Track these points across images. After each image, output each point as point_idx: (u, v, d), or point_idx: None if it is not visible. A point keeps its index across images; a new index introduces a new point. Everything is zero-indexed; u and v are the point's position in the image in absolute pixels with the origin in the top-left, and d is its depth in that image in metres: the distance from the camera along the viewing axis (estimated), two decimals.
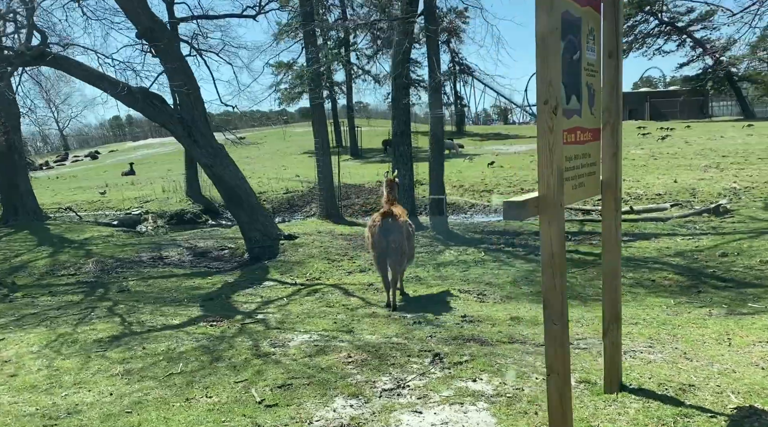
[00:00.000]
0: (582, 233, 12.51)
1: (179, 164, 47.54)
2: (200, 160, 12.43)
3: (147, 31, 11.41)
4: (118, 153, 65.71)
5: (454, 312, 7.04)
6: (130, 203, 27.01)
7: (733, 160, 25.39)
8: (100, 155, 63.55)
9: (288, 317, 7.29)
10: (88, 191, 32.29)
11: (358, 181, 28.69)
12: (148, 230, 22.43)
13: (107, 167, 51.34)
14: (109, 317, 7.70)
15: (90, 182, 37.81)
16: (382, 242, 7.82)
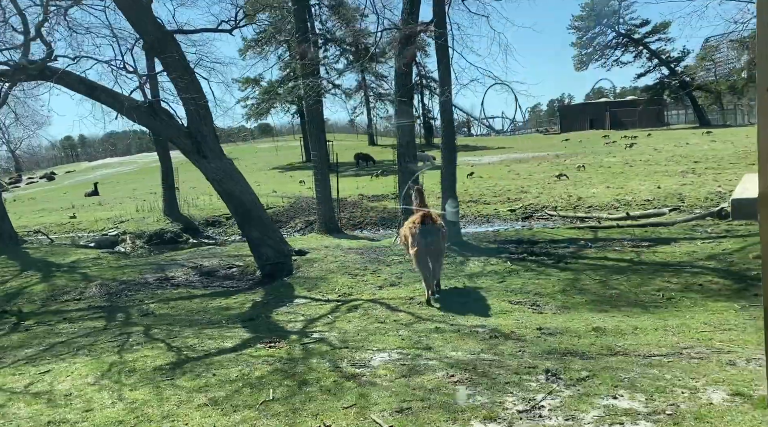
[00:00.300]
0: (598, 239, 12.52)
1: (143, 183, 46.56)
2: (209, 175, 11.97)
3: (155, 43, 10.96)
4: (75, 174, 63.60)
5: (524, 324, 6.85)
6: (103, 224, 26.01)
7: (707, 165, 26.10)
8: (56, 176, 61.38)
9: (347, 335, 6.98)
10: (55, 213, 31.02)
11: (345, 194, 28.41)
12: (127, 250, 21.60)
13: (67, 188, 49.59)
14: (152, 343, 7.23)
15: (53, 204, 36.39)
16: (422, 242, 8.59)
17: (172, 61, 11.18)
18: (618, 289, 8.48)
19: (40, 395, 5.52)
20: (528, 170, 31.08)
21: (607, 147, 40.43)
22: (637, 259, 10.30)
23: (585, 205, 19.91)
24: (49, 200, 39.50)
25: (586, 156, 35.34)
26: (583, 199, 20.59)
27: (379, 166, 42.40)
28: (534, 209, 20.56)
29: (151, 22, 10.94)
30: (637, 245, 11.62)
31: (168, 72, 11.29)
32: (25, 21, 10.63)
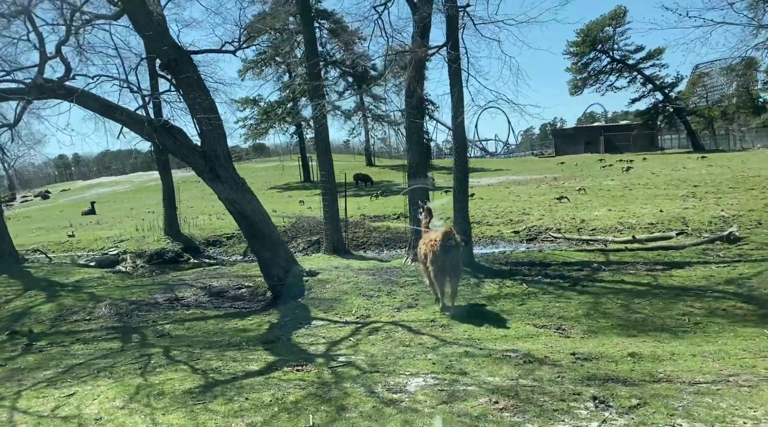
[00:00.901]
0: (611, 262, 12.50)
1: (140, 202, 46.37)
2: (222, 195, 11.89)
3: (171, 62, 10.95)
4: (70, 192, 63.24)
5: (555, 349, 6.78)
6: (102, 243, 25.80)
7: (706, 189, 26.23)
8: (51, 195, 60.99)
9: (374, 359, 6.87)
10: (52, 232, 30.75)
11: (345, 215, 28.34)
12: (128, 270, 21.40)
13: (63, 207, 49.32)
14: (174, 365, 7.10)
15: (50, 223, 36.11)
16: (443, 258, 9.03)
17: (189, 81, 11.17)
18: (641, 313, 8.42)
19: (69, 419, 5.38)
20: (528, 192, 31.15)
21: (604, 170, 40.65)
22: (655, 283, 10.28)
23: (589, 227, 19.93)
24: (46, 219, 39.24)
25: (584, 179, 35.52)
26: (586, 221, 20.60)
27: (378, 186, 42.44)
28: (538, 231, 20.56)
29: (168, 42, 10.95)
30: (651, 268, 11.61)
31: (183, 91, 11.27)
32: (41, 39, 10.59)
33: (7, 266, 18.18)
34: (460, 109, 12.71)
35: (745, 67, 61.38)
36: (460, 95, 12.83)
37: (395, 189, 40.81)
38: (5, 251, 18.90)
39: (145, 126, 10.36)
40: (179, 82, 11.15)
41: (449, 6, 12.37)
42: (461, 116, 12.83)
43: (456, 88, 12.85)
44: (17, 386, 6.63)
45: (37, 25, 10.54)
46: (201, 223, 28.04)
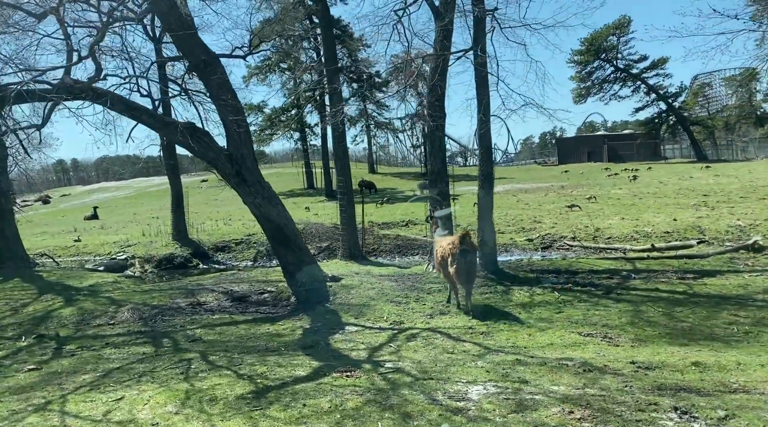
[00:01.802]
0: (639, 270, 12.37)
1: (143, 208, 46.19)
2: (247, 198, 11.76)
3: (200, 64, 10.83)
4: (71, 197, 62.93)
5: (611, 358, 6.64)
6: (110, 248, 25.63)
7: (717, 199, 26.17)
8: (51, 200, 60.64)
9: (423, 366, 6.72)
10: (58, 237, 30.53)
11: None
12: (136, 274, 21.23)
13: (64, 212, 49.04)
14: (217, 370, 6.93)
15: (53, 227, 35.88)
16: (461, 261, 9.62)
17: (218, 83, 11.05)
18: (687, 322, 8.30)
19: (124, 424, 5.22)
20: (536, 200, 31.09)
21: (610, 179, 40.63)
22: (691, 291, 10.17)
23: (604, 236, 19.84)
24: (49, 224, 39.00)
25: (591, 187, 35.48)
26: (601, 230, 20.51)
27: (382, 194, 42.31)
28: (552, 239, 20.47)
29: (199, 44, 10.83)
30: (682, 277, 11.49)
31: (212, 94, 11.14)
32: (69, 41, 10.46)
33: (19, 269, 17.97)
34: (486, 114, 12.61)
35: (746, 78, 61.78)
36: (486, 100, 12.74)
37: (400, 196, 40.76)
38: (16, 254, 18.68)
39: (179, 128, 10.22)
40: (208, 83, 11.03)
41: (478, 10, 12.28)
42: (486, 122, 12.72)
43: (483, 93, 12.75)
44: (59, 390, 6.46)
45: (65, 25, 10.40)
46: (208, 228, 27.92)
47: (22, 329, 10.53)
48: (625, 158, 56.44)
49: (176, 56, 17.14)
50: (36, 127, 9.69)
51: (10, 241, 18.59)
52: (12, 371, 7.59)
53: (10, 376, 7.32)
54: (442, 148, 14.52)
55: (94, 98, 10.06)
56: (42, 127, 9.68)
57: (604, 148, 58.82)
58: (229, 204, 42.62)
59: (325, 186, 43.88)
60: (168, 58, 18.80)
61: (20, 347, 9.14)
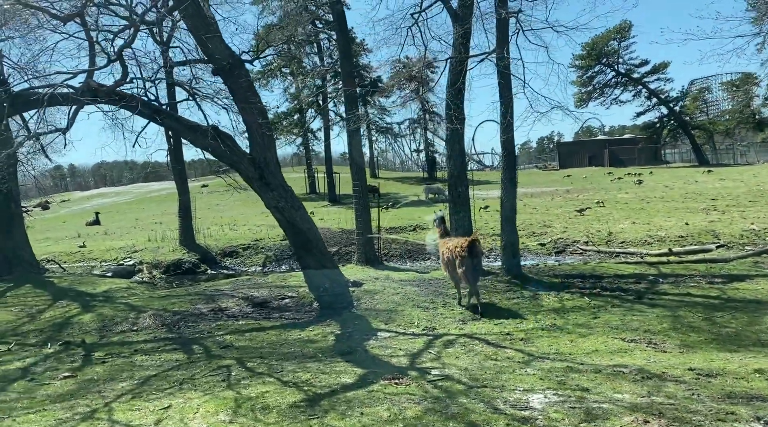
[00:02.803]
0: (665, 275, 12.26)
1: (144, 213, 45.88)
2: (270, 203, 11.61)
3: (226, 67, 10.70)
4: (70, 203, 62.51)
5: (665, 364, 6.51)
6: (116, 254, 25.41)
7: (726, 203, 26.12)
8: (51, 205, 60.22)
9: (471, 373, 6.58)
10: (61, 242, 30.29)
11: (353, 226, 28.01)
12: (144, 280, 21.03)
13: (65, 217, 48.69)
14: (259, 377, 6.78)
15: (56, 233, 35.63)
16: (469, 262, 10.09)
17: (241, 86, 10.92)
18: (730, 327, 8.17)
19: None
20: (543, 205, 30.99)
21: (614, 183, 40.58)
22: (725, 296, 10.05)
23: (617, 240, 19.73)
24: (50, 229, 38.73)
25: (597, 192, 35.41)
26: (614, 234, 20.41)
27: (386, 198, 42.16)
28: (564, 244, 20.38)
29: (225, 47, 10.70)
30: (711, 281, 11.39)
31: (236, 97, 11.01)
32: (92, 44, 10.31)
33: (29, 275, 17.76)
34: (509, 118, 12.50)
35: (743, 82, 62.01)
36: (509, 103, 12.63)
37: (404, 201, 40.58)
38: (26, 260, 18.46)
39: (209, 131, 10.09)
40: (233, 86, 10.89)
41: (504, 11, 12.18)
42: (509, 125, 12.61)
43: (506, 96, 12.64)
44: (100, 398, 6.30)
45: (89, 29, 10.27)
46: (215, 233, 27.74)
47: (44, 336, 10.35)
48: (627, 163, 56.46)
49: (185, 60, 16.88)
50: (61, 132, 9.53)
51: (19, 247, 18.36)
52: (46, 378, 7.42)
53: (46, 383, 7.15)
54: (461, 151, 14.42)
55: (118, 102, 9.90)
56: (67, 130, 9.52)
57: (606, 152, 58.83)
58: (231, 209, 42.43)
59: (328, 191, 43.70)
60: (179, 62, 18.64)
61: (47, 353, 8.96)
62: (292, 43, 39.38)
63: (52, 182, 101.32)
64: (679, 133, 56.29)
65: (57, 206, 60.97)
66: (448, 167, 14.53)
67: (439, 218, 12.54)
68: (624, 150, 59.37)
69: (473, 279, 10.23)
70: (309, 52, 44.67)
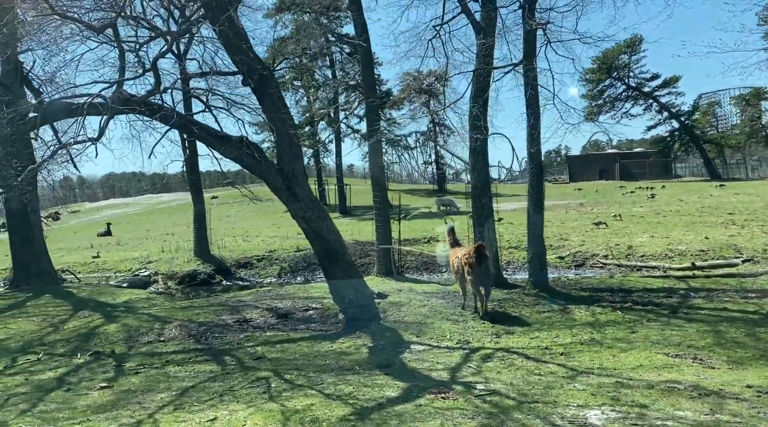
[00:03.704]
0: (696, 289, 12.10)
1: (156, 224, 45.92)
2: (297, 213, 11.53)
3: (256, 78, 10.67)
4: (81, 214, 62.69)
5: (719, 381, 6.37)
6: (130, 264, 25.40)
7: (744, 217, 25.88)
8: (62, 216, 60.39)
9: (517, 388, 6.45)
10: (75, 253, 30.33)
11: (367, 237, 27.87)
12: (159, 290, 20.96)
13: (75, 228, 48.87)
14: (299, 390, 6.67)
15: (68, 244, 35.69)
16: (478, 269, 10.56)
17: (271, 96, 10.89)
18: None
19: None
20: (558, 218, 30.81)
21: (627, 197, 40.40)
22: (763, 311, 9.89)
23: (637, 254, 19.54)
24: (62, 240, 38.80)
25: (611, 205, 35.23)
26: (633, 248, 20.22)
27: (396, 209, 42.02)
28: (584, 257, 20.22)
29: (256, 58, 10.69)
30: (744, 296, 11.22)
31: (265, 107, 10.98)
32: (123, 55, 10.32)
33: (48, 286, 17.73)
34: (536, 131, 12.43)
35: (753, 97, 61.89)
36: (536, 116, 12.56)
37: (415, 213, 40.43)
38: (45, 270, 18.44)
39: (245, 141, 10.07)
40: (263, 97, 10.87)
41: (533, 23, 12.14)
42: (537, 139, 12.53)
43: (533, 107, 12.57)
44: (142, 409, 6.19)
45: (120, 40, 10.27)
46: (229, 245, 27.71)
47: (71, 346, 10.27)
48: (638, 176, 56.26)
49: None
50: (92, 141, 9.49)
51: (38, 257, 18.35)
52: (82, 388, 7.32)
53: (83, 394, 7.05)
54: (485, 163, 14.32)
55: (154, 112, 9.87)
56: (98, 140, 9.48)
57: (616, 166, 58.69)
58: (242, 221, 42.44)
59: (339, 203, 43.66)
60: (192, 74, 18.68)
61: (78, 364, 8.87)
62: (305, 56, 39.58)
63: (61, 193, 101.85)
64: (690, 147, 56.11)
65: (67, 217, 61.17)
66: (471, 179, 14.44)
67: (449, 228, 13.18)
68: (635, 164, 59.21)
69: (481, 285, 10.67)
70: (321, 65, 44.81)
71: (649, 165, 58.23)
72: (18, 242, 18.16)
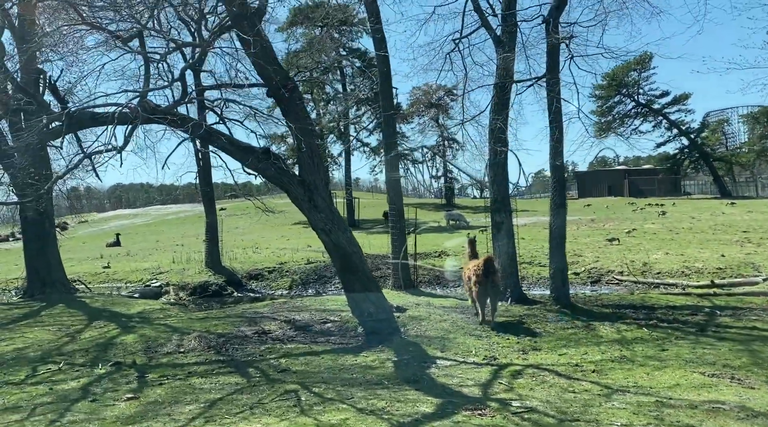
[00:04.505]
0: (720, 307, 11.93)
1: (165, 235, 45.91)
2: (318, 225, 11.44)
3: (280, 89, 10.65)
4: (89, 224, 62.81)
5: (763, 402, 6.21)
6: (140, 275, 25.35)
7: (760, 235, 25.63)
8: (69, 227, 60.50)
9: (555, 406, 6.32)
10: (85, 263, 30.29)
11: (377, 251, 27.78)
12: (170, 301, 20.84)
13: (84, 238, 48.89)
14: (331, 403, 6.56)
15: (77, 254, 35.67)
16: (486, 280, 10.98)
17: (295, 107, 10.87)
18: None
19: None
20: (570, 234, 30.31)
21: (639, 213, 40.17)
22: None
23: (653, 270, 19.38)
24: (71, 250, 38.77)
25: (622, 222, 35.02)
26: (649, 264, 20.05)
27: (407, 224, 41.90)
28: (599, 273, 20.09)
29: (281, 70, 10.68)
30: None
31: (288, 117, 10.94)
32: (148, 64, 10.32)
33: (61, 295, 17.66)
34: (559, 144, 12.36)
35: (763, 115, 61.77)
36: (559, 128, 12.49)
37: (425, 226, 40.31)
38: (58, 280, 18.37)
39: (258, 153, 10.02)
40: (288, 109, 10.84)
41: (557, 37, 12.11)
42: (560, 152, 12.46)
43: (556, 121, 12.51)
44: (172, 421, 6.09)
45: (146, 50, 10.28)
46: (240, 256, 27.66)
47: (90, 356, 10.17)
48: (647, 193, 56.06)
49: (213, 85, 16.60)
50: (117, 150, 9.45)
51: (52, 266, 18.30)
52: (108, 399, 7.21)
53: (110, 404, 6.94)
54: (505, 177, 14.22)
55: (178, 122, 9.84)
56: (122, 149, 9.44)
57: (625, 182, 58.54)
58: (251, 233, 42.37)
59: (347, 216, 43.58)
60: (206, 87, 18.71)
61: (100, 374, 8.76)
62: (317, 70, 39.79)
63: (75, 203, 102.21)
64: (700, 164, 55.96)
65: (76, 227, 61.28)
66: (490, 193, 14.33)
67: (471, 239, 13.68)
68: (644, 180, 59.07)
69: (488, 297, 11.17)
70: (332, 79, 45.01)
71: (659, 182, 58.07)
72: (33, 251, 18.12)
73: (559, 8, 12.26)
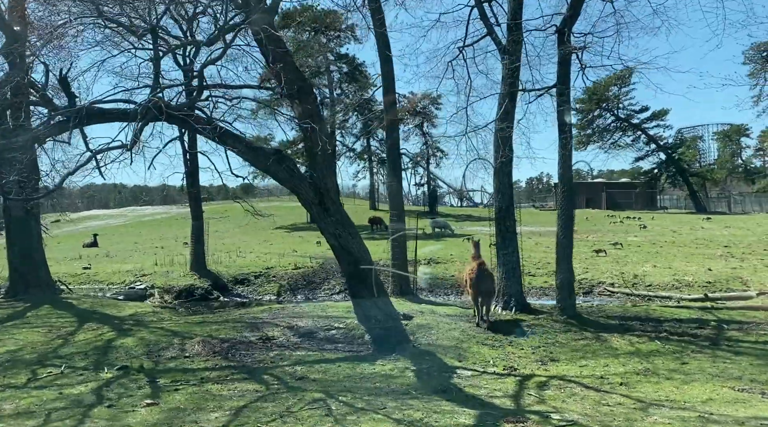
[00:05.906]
0: (726, 320, 11.99)
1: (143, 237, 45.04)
2: (328, 229, 11.22)
3: (295, 91, 10.43)
4: (63, 224, 61.09)
5: None
6: (122, 277, 24.69)
7: (741, 250, 26.08)
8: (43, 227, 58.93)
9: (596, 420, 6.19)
10: (63, 264, 29.42)
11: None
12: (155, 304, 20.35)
13: (59, 238, 47.52)
14: (363, 413, 6.36)
15: (55, 254, 34.56)
16: (480, 283, 11.68)
17: (309, 109, 10.65)
18: None
19: None
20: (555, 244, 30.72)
21: (620, 226, 40.67)
22: None
23: (644, 283, 19.52)
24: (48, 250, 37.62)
25: (604, 234, 35.37)
26: (639, 277, 20.20)
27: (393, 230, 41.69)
28: (590, 284, 20.16)
29: (296, 70, 10.46)
30: None
31: (301, 119, 10.72)
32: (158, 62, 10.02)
33: (46, 296, 17.08)
34: (567, 153, 12.34)
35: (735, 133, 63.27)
36: (569, 138, 12.48)
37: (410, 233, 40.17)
38: (43, 280, 17.78)
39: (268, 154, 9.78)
40: (303, 111, 10.63)
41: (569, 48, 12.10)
42: (568, 161, 12.44)
43: (565, 131, 12.48)
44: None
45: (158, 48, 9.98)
46: (223, 260, 27.16)
47: (91, 359, 9.78)
48: (624, 206, 56.83)
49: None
50: (126, 148, 9.12)
51: (38, 266, 17.71)
52: (125, 405, 6.89)
53: (129, 411, 6.63)
54: (509, 185, 14.15)
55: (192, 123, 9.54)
56: (131, 147, 9.11)
57: (603, 195, 59.30)
58: (231, 237, 41.70)
59: None
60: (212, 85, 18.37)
61: (107, 378, 8.40)
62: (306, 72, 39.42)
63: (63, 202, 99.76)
64: (677, 179, 56.96)
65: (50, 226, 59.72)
66: (495, 201, 14.24)
67: (476, 241, 13.91)
68: (621, 194, 59.90)
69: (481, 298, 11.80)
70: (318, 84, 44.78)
71: (636, 196, 58.92)
72: (17, 250, 17.51)
73: (572, 18, 12.26)
